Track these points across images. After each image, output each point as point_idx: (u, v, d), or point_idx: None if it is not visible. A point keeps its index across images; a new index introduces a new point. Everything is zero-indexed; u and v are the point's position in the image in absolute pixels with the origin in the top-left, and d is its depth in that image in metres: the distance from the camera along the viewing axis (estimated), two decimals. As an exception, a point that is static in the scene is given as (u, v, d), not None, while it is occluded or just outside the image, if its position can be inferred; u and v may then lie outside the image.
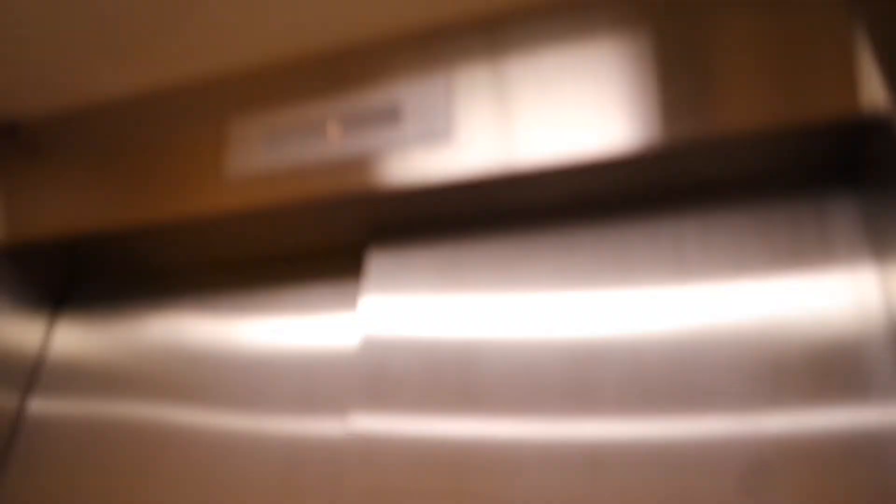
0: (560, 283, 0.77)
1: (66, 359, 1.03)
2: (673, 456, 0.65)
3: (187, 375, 0.93)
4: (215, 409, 0.89)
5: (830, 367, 0.64)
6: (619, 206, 0.78)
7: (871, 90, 0.60)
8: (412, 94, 0.80)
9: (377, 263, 0.85)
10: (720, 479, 0.62)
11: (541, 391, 0.72)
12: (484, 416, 0.72)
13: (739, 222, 0.73)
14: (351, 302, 0.89)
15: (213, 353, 0.93)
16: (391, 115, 0.79)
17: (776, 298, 0.68)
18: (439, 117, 0.77)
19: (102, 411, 0.96)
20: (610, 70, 0.73)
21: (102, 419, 0.95)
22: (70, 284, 1.09)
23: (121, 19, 0.85)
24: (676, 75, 0.69)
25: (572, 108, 0.73)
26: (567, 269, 0.77)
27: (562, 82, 0.74)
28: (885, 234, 0.63)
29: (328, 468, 0.80)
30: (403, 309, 0.81)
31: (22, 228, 0.95)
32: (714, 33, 0.69)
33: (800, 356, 0.65)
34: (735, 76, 0.67)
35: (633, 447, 0.66)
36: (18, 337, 1.00)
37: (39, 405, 1.01)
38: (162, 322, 0.99)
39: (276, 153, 0.83)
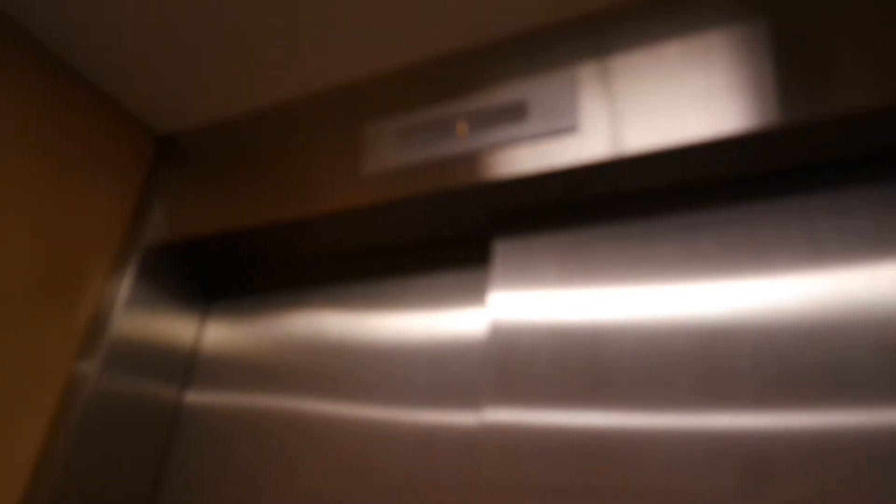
0: (686, 267, 0.77)
1: (216, 351, 1.12)
2: (814, 446, 0.63)
3: (325, 366, 1.00)
4: (352, 399, 0.95)
5: None
6: (743, 187, 0.79)
7: None
8: (537, 90, 0.84)
9: (503, 252, 0.89)
10: (866, 472, 0.60)
11: (671, 377, 0.72)
12: (614, 406, 0.73)
13: (872, 199, 0.71)
14: (478, 292, 0.93)
15: (348, 345, 0.99)
16: (518, 111, 0.84)
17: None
18: (564, 111, 0.81)
19: (249, 402, 1.04)
20: (722, 60, 0.74)
21: (249, 409, 1.03)
22: (221, 280, 1.20)
23: (261, 39, 0.95)
24: (793, 62, 0.70)
25: (687, 97, 0.74)
26: (693, 252, 0.78)
27: (674, 73, 0.76)
28: None
29: (461, 458, 0.83)
30: (530, 298, 0.84)
31: (181, 229, 1.06)
32: (832, 19, 0.69)
33: None
34: (855, 58, 0.67)
35: (771, 436, 0.65)
36: (177, 331, 1.11)
37: (194, 396, 1.10)
38: (301, 315, 1.07)
39: (408, 151, 0.89)
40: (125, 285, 1.02)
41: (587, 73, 0.82)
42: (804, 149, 0.73)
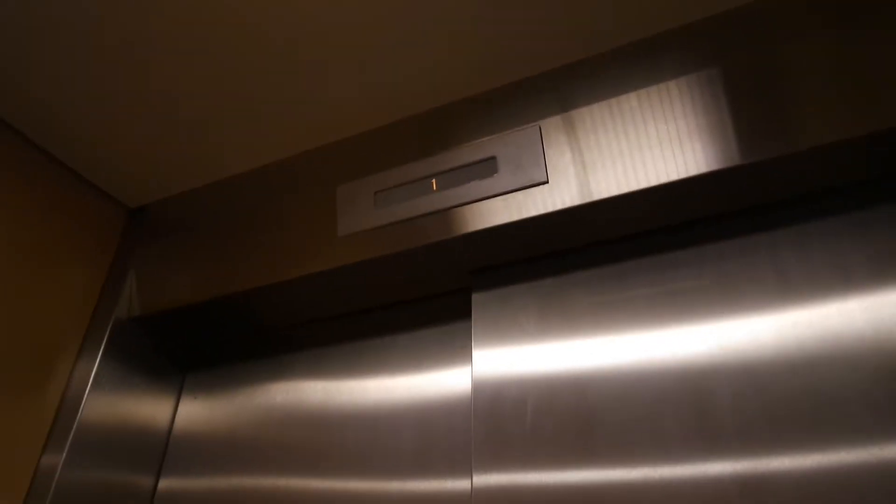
0: (662, 308, 0.79)
1: (192, 430, 1.08)
2: (802, 485, 0.63)
3: (308, 437, 0.96)
4: (338, 471, 0.91)
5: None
6: (710, 226, 0.81)
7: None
8: (506, 145, 0.87)
9: (484, 305, 0.89)
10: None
11: (657, 422, 0.72)
12: (604, 457, 0.72)
13: (835, 232, 0.74)
14: (462, 346, 0.92)
15: (332, 412, 0.97)
16: (488, 166, 0.86)
17: (886, 307, 0.68)
18: (532, 163, 0.83)
19: (229, 484, 0.99)
20: (681, 107, 0.78)
21: (229, 491, 0.98)
22: (195, 352, 1.17)
23: (232, 111, 0.96)
24: (749, 104, 0.74)
25: (649, 144, 0.77)
26: (667, 293, 0.80)
27: (636, 121, 0.80)
28: None
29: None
30: (512, 350, 0.84)
31: (153, 301, 1.04)
32: (785, 60, 0.74)
33: None
34: (811, 95, 0.71)
35: (758, 478, 0.65)
36: (150, 410, 1.07)
37: (169, 483, 1.04)
38: (281, 383, 1.04)
39: (383, 211, 0.90)
40: (95, 365, 0.99)
41: (552, 126, 0.85)
42: (765, 187, 0.77)
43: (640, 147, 0.77)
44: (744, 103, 0.74)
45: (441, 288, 0.97)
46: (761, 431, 0.67)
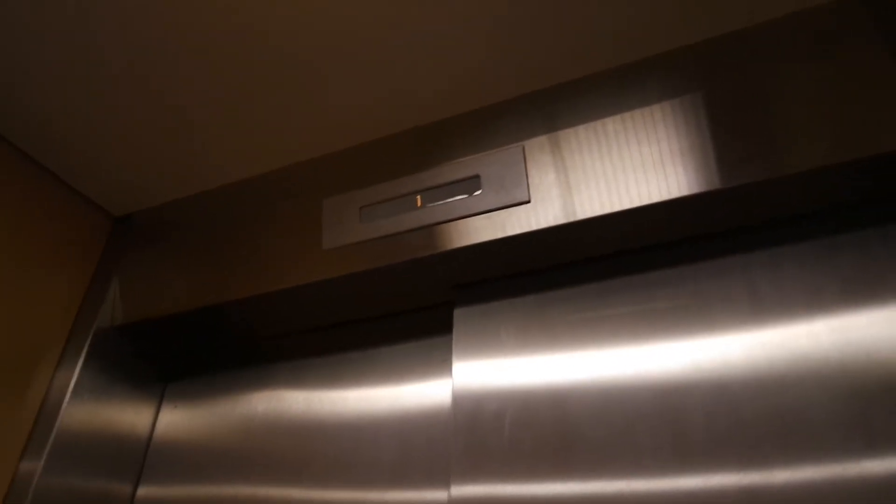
0: (639, 326, 0.81)
1: (172, 439, 1.07)
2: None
3: (289, 447, 0.97)
4: (318, 481, 0.92)
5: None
6: (688, 247, 0.83)
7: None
8: (490, 163, 0.88)
9: (465, 320, 0.91)
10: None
11: (633, 437, 0.74)
12: (581, 472, 0.74)
13: (806, 255, 0.77)
14: (444, 360, 0.93)
15: (313, 422, 0.97)
16: (472, 184, 0.88)
17: (852, 330, 0.70)
18: (515, 182, 0.85)
19: (208, 493, 0.99)
20: (665, 130, 0.80)
21: (209, 501, 0.98)
22: (177, 362, 1.16)
23: (220, 122, 0.97)
24: (730, 129, 0.76)
25: (632, 166, 0.79)
26: (645, 312, 0.82)
27: (620, 144, 0.82)
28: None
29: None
30: (493, 364, 0.85)
31: (136, 309, 1.04)
32: (766, 87, 0.77)
33: (885, 390, 0.66)
34: (791, 122, 0.73)
35: (728, 493, 0.67)
36: (130, 419, 1.06)
37: (148, 491, 1.03)
38: (263, 393, 1.05)
39: (368, 225, 0.91)
40: (76, 372, 0.98)
41: (537, 146, 0.87)
42: (743, 210, 0.79)
43: (624, 169, 0.79)
44: (725, 128, 0.76)
45: (424, 302, 0.98)
46: (732, 448, 0.69)
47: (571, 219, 0.80)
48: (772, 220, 0.80)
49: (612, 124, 0.83)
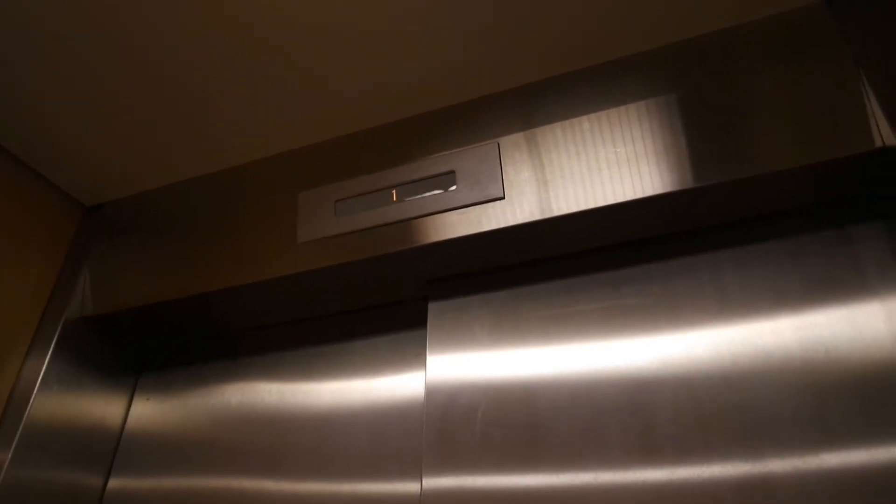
0: (609, 322, 0.82)
1: (144, 431, 1.07)
2: (733, 495, 0.67)
3: (262, 439, 0.97)
4: (291, 473, 0.92)
5: (874, 398, 0.66)
6: (658, 246, 0.85)
7: (883, 128, 0.68)
8: (465, 159, 0.89)
9: (439, 314, 0.91)
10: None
11: (601, 430, 0.75)
12: (551, 464, 0.75)
13: (771, 255, 0.79)
14: (417, 354, 0.94)
15: (285, 414, 0.98)
16: (447, 179, 0.88)
17: (813, 327, 0.72)
18: (490, 178, 0.85)
19: (181, 485, 0.98)
20: (639, 130, 0.81)
21: (181, 493, 0.98)
22: (149, 353, 1.15)
23: (194, 113, 0.96)
24: (704, 130, 0.78)
25: (606, 164, 0.81)
26: (615, 308, 0.83)
27: (595, 142, 0.83)
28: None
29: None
30: (465, 358, 0.86)
31: (108, 300, 1.03)
32: (740, 89, 0.78)
33: (842, 386, 0.68)
34: (763, 124, 0.75)
35: (693, 486, 0.69)
36: (101, 410, 1.05)
37: (119, 482, 1.03)
38: (236, 385, 1.04)
39: (343, 219, 0.91)
40: (45, 363, 0.97)
41: (513, 143, 0.87)
42: (713, 210, 0.80)
43: (599, 167, 0.80)
44: (698, 129, 0.78)
45: (398, 296, 0.99)
46: (696, 442, 0.71)
47: (546, 215, 0.80)
48: (740, 220, 0.82)
49: (587, 122, 0.84)
